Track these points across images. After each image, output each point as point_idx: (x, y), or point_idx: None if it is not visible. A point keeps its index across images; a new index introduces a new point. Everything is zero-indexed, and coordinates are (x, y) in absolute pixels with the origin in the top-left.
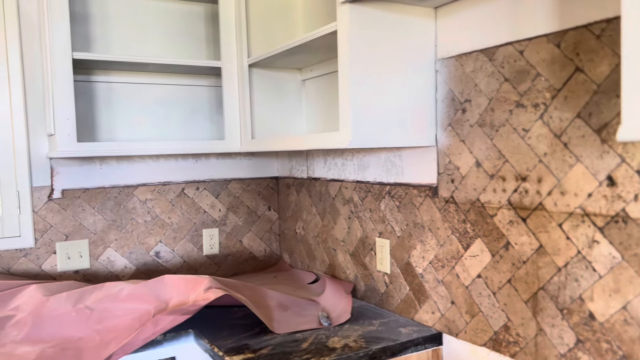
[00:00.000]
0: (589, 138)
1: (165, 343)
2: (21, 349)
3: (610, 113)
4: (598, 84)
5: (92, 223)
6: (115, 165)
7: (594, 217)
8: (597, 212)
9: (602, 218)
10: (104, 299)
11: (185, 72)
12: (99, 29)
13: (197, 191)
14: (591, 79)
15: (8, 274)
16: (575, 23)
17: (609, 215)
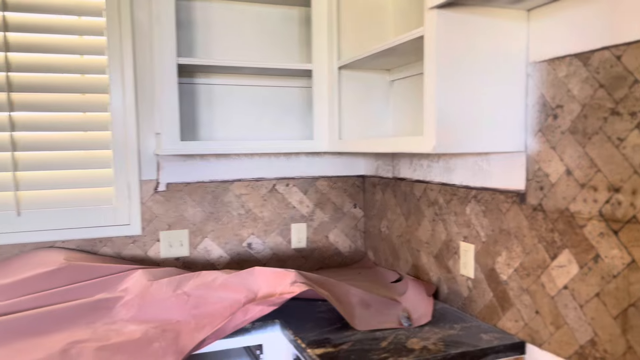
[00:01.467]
0: None
1: (253, 331)
2: (129, 328)
3: None
4: None
5: (192, 214)
6: (214, 162)
7: None
8: None
9: None
10: (200, 286)
11: (278, 74)
12: (201, 35)
13: (287, 187)
14: None
15: (119, 258)
16: None
17: None
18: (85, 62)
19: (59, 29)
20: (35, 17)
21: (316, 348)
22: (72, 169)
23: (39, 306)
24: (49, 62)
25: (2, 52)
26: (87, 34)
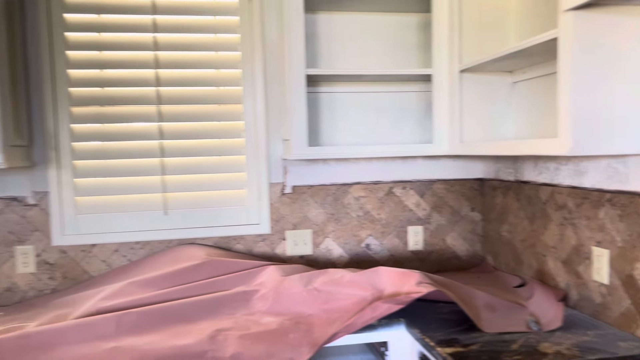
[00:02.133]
0: None
1: (380, 328)
2: (265, 319)
3: None
4: None
5: (314, 215)
6: (334, 166)
7: None
8: None
9: None
10: (328, 283)
11: (396, 79)
12: (324, 45)
13: (403, 190)
14: None
15: (250, 254)
16: None
17: None
18: (221, 75)
19: (199, 46)
20: (179, 36)
21: (445, 347)
22: (211, 173)
23: (186, 296)
24: (190, 77)
25: (153, 69)
26: (223, 50)
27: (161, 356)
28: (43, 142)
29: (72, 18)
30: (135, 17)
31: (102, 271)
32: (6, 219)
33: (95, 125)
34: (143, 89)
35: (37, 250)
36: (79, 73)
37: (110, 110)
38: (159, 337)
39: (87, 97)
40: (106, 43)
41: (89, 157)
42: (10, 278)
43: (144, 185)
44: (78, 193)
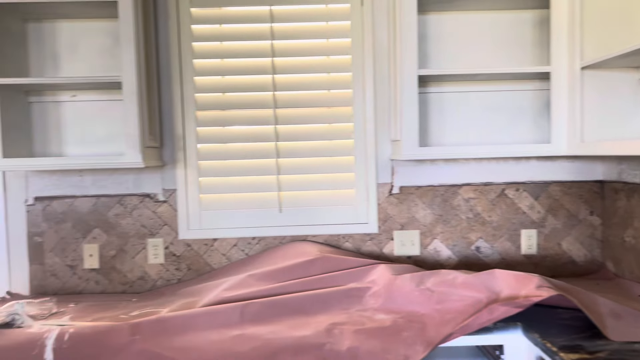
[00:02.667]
0: None
1: (495, 331)
2: (378, 316)
3: None
4: None
5: (422, 216)
6: (443, 166)
7: None
8: None
9: None
10: (441, 283)
11: (509, 78)
12: (434, 45)
13: (516, 192)
14: None
15: (358, 252)
16: None
17: None
18: (332, 78)
19: (311, 52)
20: (293, 42)
21: (569, 353)
22: (321, 173)
23: (301, 290)
24: (303, 81)
25: (270, 75)
26: (334, 54)
27: (282, 345)
28: (172, 144)
29: (199, 29)
30: (254, 25)
31: (222, 264)
32: (140, 214)
33: (217, 128)
34: (260, 94)
35: (166, 243)
36: (204, 80)
37: (231, 114)
38: (279, 327)
39: (211, 102)
40: (227, 51)
41: (212, 158)
42: (142, 268)
43: (260, 184)
44: (202, 191)
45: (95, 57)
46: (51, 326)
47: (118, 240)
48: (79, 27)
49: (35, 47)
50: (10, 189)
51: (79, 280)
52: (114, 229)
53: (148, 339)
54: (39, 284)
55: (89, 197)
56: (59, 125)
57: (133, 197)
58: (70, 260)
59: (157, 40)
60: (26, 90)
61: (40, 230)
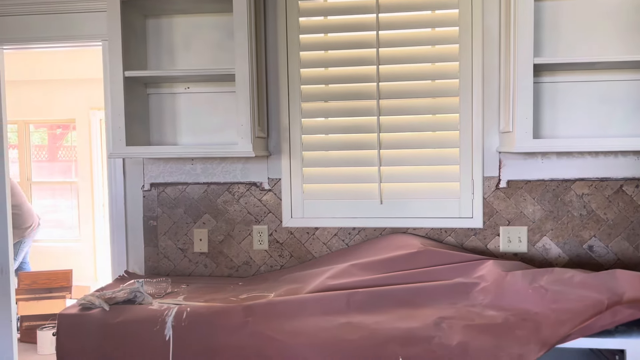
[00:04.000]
0: None
1: (617, 335)
2: (488, 312)
3: None
4: None
5: (531, 212)
6: (555, 160)
7: None
8: None
9: None
10: (556, 282)
11: (631, 67)
12: (548, 33)
13: (636, 189)
14: None
15: (461, 247)
16: None
17: None
18: (438, 68)
19: (417, 41)
20: (398, 32)
21: None
22: (424, 165)
23: (405, 282)
24: (408, 71)
25: (374, 65)
26: (440, 43)
27: (390, 336)
28: (278, 134)
29: (305, 21)
30: (360, 16)
31: (322, 253)
32: (247, 201)
33: (321, 120)
34: (363, 85)
35: (270, 230)
36: (309, 71)
37: (334, 105)
38: (384, 317)
39: (315, 94)
40: (332, 42)
41: (316, 149)
42: (247, 253)
43: (362, 175)
44: (305, 180)
45: (207, 51)
46: (169, 304)
47: (226, 226)
48: (192, 22)
49: (154, 42)
50: (129, 175)
51: (189, 263)
52: (222, 215)
53: (260, 321)
54: (152, 265)
55: (200, 184)
56: (174, 116)
57: (240, 185)
58: (182, 243)
59: (266, 33)
60: (145, 83)
61: (155, 215)
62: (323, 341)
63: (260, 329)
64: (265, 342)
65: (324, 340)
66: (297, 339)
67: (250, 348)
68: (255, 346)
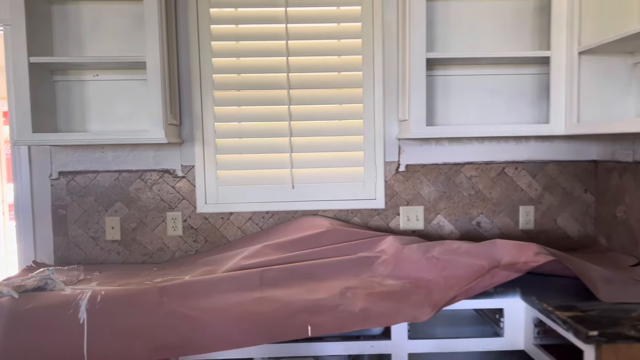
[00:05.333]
0: None
1: (495, 296)
2: (388, 281)
3: None
4: None
5: (427, 193)
6: (447, 146)
7: None
8: None
9: None
10: (446, 252)
11: (511, 62)
12: (441, 30)
13: (515, 171)
14: None
15: (366, 227)
16: None
17: None
18: (343, 61)
19: (323, 35)
20: (306, 26)
21: (564, 311)
22: (332, 152)
23: (314, 259)
24: (315, 63)
25: (284, 57)
26: (345, 38)
27: (301, 307)
28: (191, 122)
29: (216, 12)
30: (269, 9)
31: (237, 236)
32: (160, 189)
33: (234, 108)
34: (274, 75)
35: (184, 217)
36: (221, 61)
37: (246, 94)
38: (295, 291)
39: (227, 83)
40: (243, 34)
41: (229, 136)
42: (162, 239)
43: (274, 161)
44: (219, 167)
45: (116, 38)
46: (83, 289)
47: (139, 214)
48: (101, 9)
49: (61, 28)
50: (35, 163)
51: (101, 251)
52: (134, 203)
53: (175, 301)
54: (62, 255)
55: (111, 172)
56: (82, 103)
57: (153, 173)
58: (93, 232)
59: (177, 21)
60: (52, 70)
61: (64, 204)
62: (238, 315)
63: (176, 308)
64: (181, 319)
65: (238, 314)
66: (213, 315)
67: (166, 327)
68: (171, 324)
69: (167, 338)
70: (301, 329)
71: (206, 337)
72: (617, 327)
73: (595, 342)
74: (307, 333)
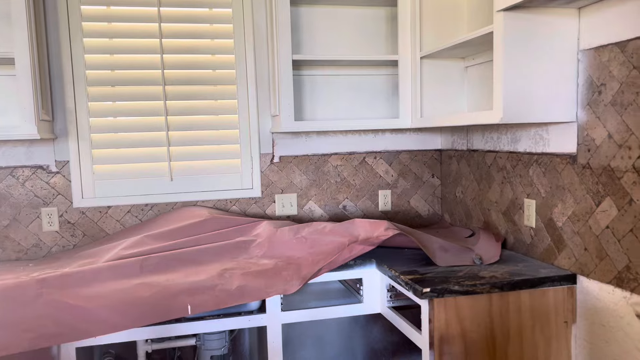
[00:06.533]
0: None
1: (355, 267)
2: (262, 261)
3: None
4: None
5: (299, 181)
6: (315, 139)
7: None
8: None
9: None
10: (313, 232)
11: (368, 64)
12: (306, 35)
13: (374, 160)
14: None
15: (244, 215)
16: None
17: None
18: (217, 59)
19: (197, 34)
20: (180, 25)
21: (407, 275)
22: (209, 145)
23: (195, 245)
24: (190, 61)
25: (158, 54)
26: (218, 38)
27: (181, 289)
28: (64, 117)
29: (87, 9)
30: (142, 8)
31: (116, 229)
32: (32, 185)
33: (109, 103)
34: (149, 71)
35: (60, 212)
36: (94, 57)
37: (121, 90)
38: (175, 275)
39: (101, 79)
40: (116, 31)
41: (104, 131)
42: (37, 235)
43: (152, 155)
44: (95, 162)
45: None
46: None
47: (11, 210)
48: None
49: None
50: None
51: None
52: (6, 200)
53: (55, 291)
54: None
55: None
56: None
57: (25, 169)
58: None
59: (46, 18)
60: None
61: None
62: (119, 301)
63: (56, 297)
64: (62, 308)
65: (119, 300)
66: (94, 302)
67: (46, 316)
68: (51, 314)
69: (48, 327)
70: (181, 308)
71: (87, 323)
72: (445, 284)
73: (428, 297)
74: (187, 312)
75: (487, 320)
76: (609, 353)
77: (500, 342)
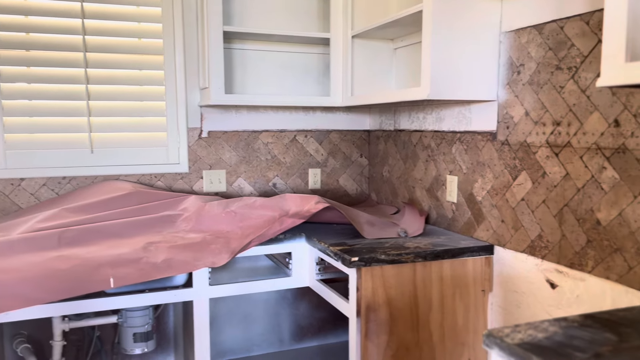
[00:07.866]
0: (604, 92)
1: (285, 241)
2: (190, 235)
3: None
4: None
5: (228, 157)
6: (245, 114)
7: (604, 150)
8: (606, 146)
9: (609, 150)
10: (243, 206)
11: (301, 42)
12: (238, 7)
13: (305, 138)
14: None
15: (170, 190)
16: (600, 6)
17: (614, 148)
18: (144, 28)
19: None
20: None
21: (336, 247)
22: (134, 117)
23: (119, 219)
24: (114, 28)
25: (80, 19)
26: (145, 5)
27: (103, 261)
28: None
29: None
30: None
31: (30, 203)
32: None
33: (23, 68)
34: (69, 37)
35: None
36: (6, 18)
37: (38, 54)
38: (97, 248)
39: (15, 42)
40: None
41: (17, 97)
42: None
43: (71, 125)
44: (7, 130)
45: None
46: None
47: None
48: None
49: None
50: None
51: None
52: None
53: None
54: None
55: None
56: None
57: None
58: None
59: None
60: None
61: None
62: (35, 274)
63: None
64: None
65: (36, 272)
66: (8, 275)
67: None
68: None
69: None
70: (103, 281)
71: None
72: (372, 254)
73: (356, 266)
74: (109, 285)
75: (411, 289)
76: (519, 317)
77: (423, 309)
